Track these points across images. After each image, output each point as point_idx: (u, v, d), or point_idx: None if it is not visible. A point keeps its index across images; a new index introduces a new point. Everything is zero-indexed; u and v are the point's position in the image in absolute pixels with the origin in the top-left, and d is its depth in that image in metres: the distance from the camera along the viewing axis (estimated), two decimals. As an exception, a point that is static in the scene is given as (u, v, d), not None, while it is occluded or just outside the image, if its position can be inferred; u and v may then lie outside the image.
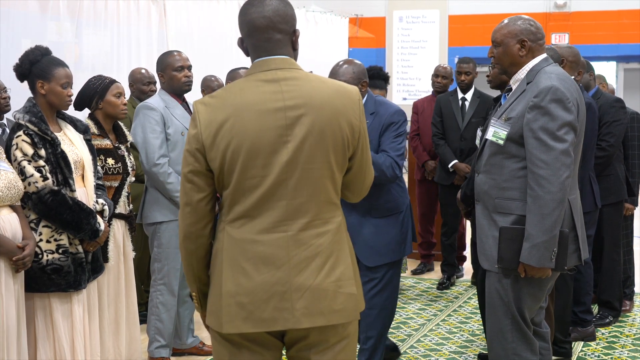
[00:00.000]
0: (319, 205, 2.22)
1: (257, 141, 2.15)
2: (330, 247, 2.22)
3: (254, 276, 2.18)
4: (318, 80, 2.25)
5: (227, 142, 2.15)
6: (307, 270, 2.19)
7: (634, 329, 5.00)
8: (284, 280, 2.17)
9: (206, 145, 2.17)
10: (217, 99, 2.21)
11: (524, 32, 3.09)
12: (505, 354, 3.12)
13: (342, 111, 2.22)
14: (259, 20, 2.22)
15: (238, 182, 2.18)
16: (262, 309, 2.18)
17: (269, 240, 2.18)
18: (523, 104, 3.01)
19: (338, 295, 2.22)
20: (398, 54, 13.01)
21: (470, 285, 6.16)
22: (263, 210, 2.18)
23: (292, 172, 2.18)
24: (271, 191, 2.17)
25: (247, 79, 2.23)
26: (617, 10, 12.28)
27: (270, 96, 2.18)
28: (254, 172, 2.17)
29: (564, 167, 2.92)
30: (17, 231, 3.19)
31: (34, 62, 3.38)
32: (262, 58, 2.23)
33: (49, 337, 3.34)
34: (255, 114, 2.16)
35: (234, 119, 2.16)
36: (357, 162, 2.30)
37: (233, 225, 2.21)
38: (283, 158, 2.16)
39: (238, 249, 2.20)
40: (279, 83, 2.20)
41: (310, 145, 2.18)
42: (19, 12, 5.71)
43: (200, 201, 2.22)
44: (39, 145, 3.29)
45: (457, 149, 5.96)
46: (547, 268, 2.97)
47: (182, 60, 4.21)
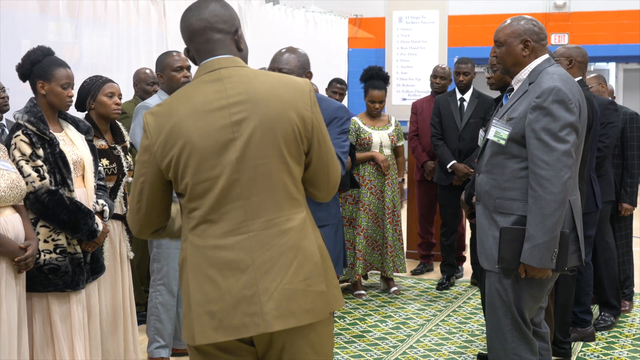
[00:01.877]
0: (278, 202, 2.15)
1: (205, 143, 2.11)
2: (295, 245, 2.15)
3: (220, 283, 2.11)
4: (265, 75, 2.21)
5: (178, 149, 2.12)
6: (273, 270, 2.12)
7: (634, 329, 5.00)
8: (250, 283, 2.11)
9: (157, 154, 2.15)
10: (164, 107, 2.18)
11: (527, 32, 3.09)
12: (505, 354, 3.12)
13: (291, 103, 2.16)
14: (197, 23, 2.21)
15: (192, 187, 2.13)
16: (231, 316, 2.11)
17: (232, 244, 2.12)
18: (525, 105, 3.01)
19: (307, 293, 2.14)
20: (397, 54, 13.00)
21: (470, 285, 6.17)
22: (221, 213, 2.13)
23: (243, 170, 2.12)
24: (225, 192, 2.12)
25: (193, 82, 2.21)
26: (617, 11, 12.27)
27: (213, 95, 2.14)
28: (205, 174, 2.12)
29: (566, 168, 2.92)
30: (19, 232, 3.19)
31: (35, 62, 3.38)
32: (205, 60, 2.21)
33: (48, 338, 3.34)
34: (200, 116, 2.12)
35: (179, 125, 2.12)
36: (316, 155, 2.22)
37: (194, 233, 2.16)
38: (232, 156, 2.11)
39: (202, 257, 2.14)
40: (223, 81, 2.16)
41: (259, 139, 2.12)
42: (18, 12, 5.71)
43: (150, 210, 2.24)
44: (37, 145, 3.29)
45: (455, 150, 5.96)
46: (547, 269, 2.97)
47: (181, 61, 4.21)
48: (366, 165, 5.74)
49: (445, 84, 6.48)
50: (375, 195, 5.74)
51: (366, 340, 4.81)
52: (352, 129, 5.70)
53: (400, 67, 12.99)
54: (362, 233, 5.70)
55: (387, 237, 5.74)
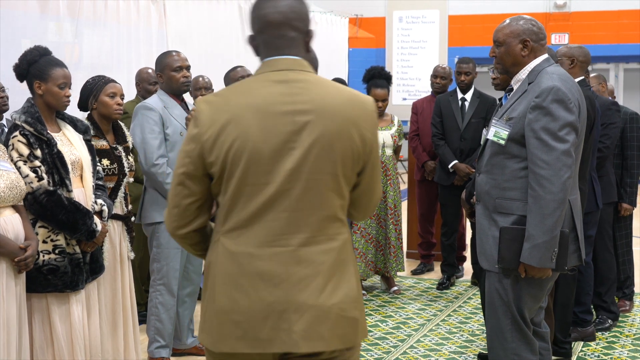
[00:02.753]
0: (322, 220, 2.06)
1: (261, 145, 2.00)
2: (333, 266, 2.06)
3: (250, 293, 2.03)
4: (331, 86, 2.10)
5: (229, 144, 2.00)
6: (308, 289, 2.02)
7: (634, 329, 5.00)
8: (282, 299, 2.02)
9: (206, 147, 2.02)
10: (221, 98, 2.07)
11: (526, 32, 3.09)
12: (505, 354, 3.12)
13: (355, 121, 2.06)
14: (273, 16, 2.07)
15: (237, 188, 2.03)
16: (258, 329, 2.02)
17: (268, 255, 2.03)
18: (524, 104, 3.01)
19: (340, 319, 2.05)
20: (398, 54, 13.01)
21: (470, 285, 6.16)
22: (262, 221, 2.03)
23: (296, 182, 2.02)
24: (272, 201, 2.02)
25: (256, 78, 2.09)
26: (617, 11, 12.28)
27: (278, 98, 2.03)
28: (255, 178, 2.02)
29: (565, 168, 2.92)
30: (19, 232, 3.19)
31: (32, 63, 3.38)
32: (272, 57, 2.09)
33: (47, 338, 3.34)
34: (261, 116, 2.01)
35: (237, 120, 2.01)
36: (367, 179, 2.14)
37: (229, 237, 2.06)
38: (287, 166, 2.01)
39: (234, 263, 2.05)
40: (289, 85, 2.05)
41: (317, 154, 2.02)
42: (18, 12, 5.70)
43: (189, 205, 2.09)
44: (35, 145, 3.29)
45: (457, 149, 5.96)
46: (547, 268, 2.97)
47: (180, 61, 4.21)
48: (366, 165, 5.73)
49: (445, 83, 6.48)
50: (376, 195, 5.73)
51: (366, 340, 4.80)
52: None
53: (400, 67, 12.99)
54: (360, 232, 5.70)
55: (390, 237, 5.74)
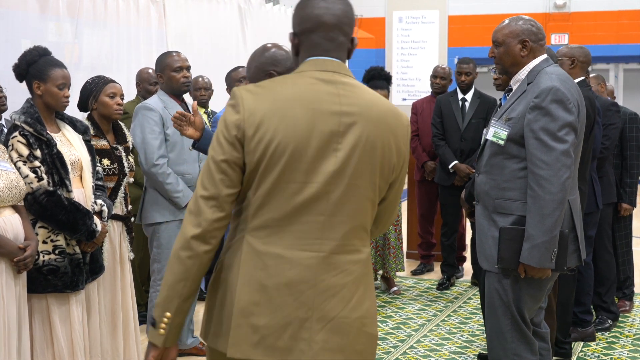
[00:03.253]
0: (354, 229, 1.98)
1: (306, 142, 1.91)
2: (360, 278, 1.99)
3: (274, 297, 1.92)
4: (373, 94, 2.06)
5: (272, 135, 1.90)
6: (334, 299, 1.94)
7: (634, 329, 5.00)
8: (307, 306, 1.92)
9: (247, 134, 1.90)
10: (264, 89, 1.97)
11: (525, 32, 3.10)
12: (505, 354, 3.12)
13: (394, 132, 2.02)
14: (328, 17, 2.01)
15: (275, 183, 1.92)
16: (276, 336, 1.92)
17: (298, 258, 1.93)
18: (524, 105, 3.02)
19: (361, 333, 1.99)
20: (398, 54, 13.01)
21: (470, 285, 6.16)
22: (296, 223, 1.93)
23: (337, 185, 1.94)
24: (311, 202, 1.93)
25: (301, 74, 2.01)
26: (617, 11, 12.28)
27: (326, 97, 1.96)
28: (295, 176, 1.92)
29: (565, 168, 2.92)
30: (19, 232, 3.19)
31: (31, 63, 3.38)
32: (319, 57, 2.03)
33: (47, 339, 3.34)
34: (308, 112, 1.93)
35: (283, 112, 1.91)
36: (394, 194, 2.09)
37: (256, 235, 1.94)
38: (330, 167, 1.93)
39: (260, 264, 1.93)
40: (337, 85, 1.99)
41: (360, 158, 1.96)
42: (18, 12, 5.70)
43: (228, 196, 1.93)
44: (35, 146, 3.29)
45: (457, 150, 5.96)
46: (547, 268, 2.97)
47: (180, 61, 4.20)
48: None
49: (445, 84, 6.48)
50: (375, 195, 5.73)
51: (366, 341, 4.80)
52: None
53: (400, 67, 13.00)
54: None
55: (389, 238, 5.74)
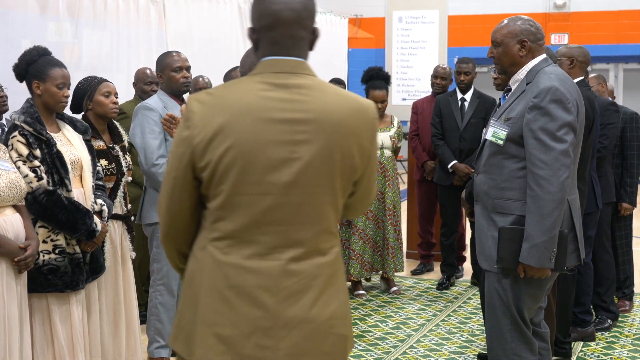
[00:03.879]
0: (317, 234, 1.97)
1: (256, 154, 1.88)
2: (325, 281, 1.98)
3: (237, 307, 1.92)
4: (333, 93, 1.99)
5: (223, 151, 1.88)
6: (297, 305, 1.93)
7: (634, 329, 5.00)
8: (270, 315, 1.92)
9: (197, 151, 1.90)
10: (215, 98, 1.93)
11: (524, 32, 3.10)
12: (505, 354, 3.12)
13: (356, 133, 1.97)
14: (286, 13, 1.93)
15: (229, 196, 1.91)
16: (241, 345, 1.91)
17: (258, 268, 1.92)
18: (523, 105, 3.02)
19: (329, 335, 1.98)
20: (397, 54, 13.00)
21: (470, 285, 6.16)
22: (254, 234, 1.92)
23: (293, 196, 1.92)
24: (267, 213, 1.91)
25: (253, 79, 1.96)
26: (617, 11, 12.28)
27: (277, 104, 1.91)
28: (249, 188, 1.90)
29: (564, 168, 2.92)
30: (19, 231, 3.19)
31: (31, 63, 3.38)
32: (275, 57, 1.96)
33: (48, 339, 3.34)
34: (257, 122, 1.89)
35: (232, 125, 1.88)
36: (363, 187, 2.07)
37: (217, 245, 1.94)
38: (284, 178, 1.90)
39: (221, 274, 1.93)
40: (290, 90, 1.93)
41: (317, 167, 1.92)
42: (18, 13, 5.71)
43: (183, 211, 1.98)
44: (34, 145, 3.29)
45: (456, 150, 5.96)
46: (546, 268, 2.97)
47: (180, 61, 4.20)
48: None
49: (445, 84, 6.48)
50: (375, 196, 5.72)
51: (366, 340, 4.81)
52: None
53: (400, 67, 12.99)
54: (358, 233, 5.69)
55: (388, 238, 5.74)
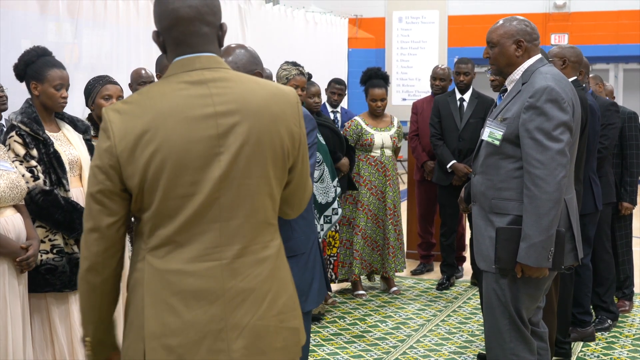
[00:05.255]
0: (256, 228, 1.91)
1: (184, 154, 1.83)
2: (270, 276, 1.93)
3: (183, 313, 1.85)
4: (251, 82, 1.95)
5: (149, 156, 1.82)
6: (245, 304, 1.89)
7: (633, 329, 5.00)
8: (218, 317, 1.86)
9: (122, 160, 1.82)
10: (132, 105, 1.87)
11: (520, 33, 3.10)
12: (504, 354, 3.12)
13: (282, 117, 1.93)
14: (184, 10, 1.89)
15: (161, 202, 1.84)
16: (193, 352, 1.85)
17: (200, 271, 1.86)
18: (519, 105, 3.02)
19: (280, 330, 1.95)
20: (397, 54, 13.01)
21: (470, 285, 6.16)
22: (192, 235, 1.86)
23: (225, 189, 1.86)
24: (201, 212, 1.85)
25: (168, 80, 1.91)
26: (617, 11, 12.28)
27: (197, 100, 1.86)
28: (180, 190, 1.84)
29: (560, 167, 2.92)
30: (21, 231, 3.20)
31: (29, 63, 3.38)
32: (184, 56, 1.91)
33: (47, 339, 3.34)
34: (181, 122, 1.83)
35: (155, 129, 1.82)
36: (297, 175, 2.02)
37: (155, 254, 1.87)
38: (215, 173, 1.85)
39: (162, 282, 1.86)
40: (207, 85, 1.88)
41: (247, 157, 1.87)
42: (18, 13, 5.71)
43: (110, 226, 1.87)
44: (31, 145, 3.29)
45: (455, 150, 5.96)
46: (544, 268, 2.97)
47: (180, 61, 4.20)
48: (366, 166, 5.74)
49: (445, 85, 6.48)
50: (375, 195, 5.74)
51: (366, 341, 4.81)
52: (353, 129, 5.71)
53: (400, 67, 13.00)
54: (360, 233, 5.70)
55: (389, 238, 5.74)
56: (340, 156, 5.23)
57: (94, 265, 1.91)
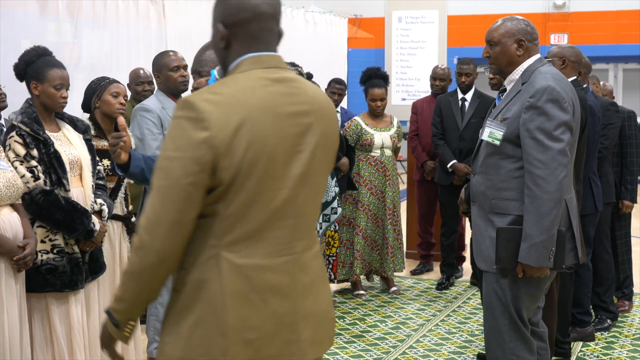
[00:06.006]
0: (312, 225, 2.01)
1: (275, 149, 1.85)
2: (321, 270, 2.05)
3: (261, 308, 1.89)
4: (312, 84, 2.02)
5: (245, 148, 1.81)
6: (310, 296, 1.98)
7: (633, 329, 5.00)
8: (292, 310, 1.94)
9: (220, 151, 1.79)
10: (225, 97, 1.83)
11: (521, 32, 3.11)
12: (503, 354, 3.12)
13: (335, 119, 2.05)
14: (266, 7, 1.90)
15: (251, 196, 1.85)
16: (269, 344, 1.91)
17: (276, 265, 1.91)
18: (519, 105, 3.02)
19: (330, 320, 2.08)
20: (397, 54, 13.01)
21: (470, 285, 6.16)
22: (271, 230, 1.90)
23: (302, 187, 1.92)
24: (283, 207, 1.90)
25: (249, 75, 1.90)
26: (616, 11, 12.28)
27: (282, 98, 1.89)
28: (270, 184, 1.86)
29: (561, 167, 2.92)
30: (18, 230, 3.19)
31: (29, 63, 3.38)
32: (259, 53, 1.92)
33: (47, 338, 3.34)
34: (272, 118, 1.85)
35: (251, 122, 1.82)
36: None
37: (233, 250, 1.87)
38: (296, 170, 1.90)
39: (243, 278, 1.87)
40: (287, 84, 1.91)
41: (319, 157, 1.95)
42: (18, 13, 5.72)
43: (191, 220, 1.84)
44: (31, 145, 3.29)
45: (456, 149, 5.96)
46: (545, 267, 2.98)
47: (177, 60, 4.20)
48: (366, 166, 5.74)
49: (444, 85, 6.48)
50: (375, 195, 5.74)
51: (366, 340, 4.81)
52: (353, 129, 5.71)
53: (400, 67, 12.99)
54: (361, 233, 5.71)
55: (388, 238, 5.74)
56: (340, 156, 5.23)
57: (167, 259, 1.86)
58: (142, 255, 1.86)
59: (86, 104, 3.93)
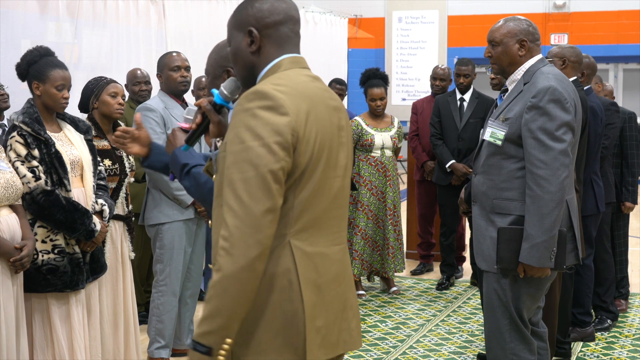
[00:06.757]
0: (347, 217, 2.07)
1: (332, 138, 1.94)
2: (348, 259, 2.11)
3: (326, 296, 1.92)
4: None
5: (314, 135, 1.87)
6: (350, 286, 2.05)
7: (633, 329, 5.00)
8: (344, 297, 1.99)
9: (299, 135, 1.83)
10: (289, 88, 1.87)
11: (523, 32, 3.11)
12: (504, 354, 3.12)
13: None
14: (294, 12, 2.00)
15: (318, 183, 1.89)
16: (331, 332, 1.94)
17: (334, 253, 1.96)
18: (521, 105, 3.02)
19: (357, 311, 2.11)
20: (397, 54, 13.01)
21: (470, 285, 6.17)
22: (328, 218, 1.94)
23: (347, 177, 2.01)
24: (337, 197, 1.96)
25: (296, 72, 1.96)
26: (616, 11, 12.28)
27: (325, 94, 1.98)
28: (329, 172, 1.93)
29: (563, 167, 2.93)
30: (16, 231, 3.19)
31: (32, 63, 3.38)
32: (294, 54, 1.99)
33: (47, 338, 3.34)
34: (325, 110, 1.94)
35: (315, 111, 1.89)
36: None
37: (301, 238, 1.88)
38: (343, 161, 1.99)
39: (312, 265, 1.89)
40: (321, 82, 2.01)
41: (349, 150, 2.04)
42: (18, 13, 5.72)
43: (280, 208, 1.83)
44: (33, 145, 3.29)
45: (454, 150, 5.97)
46: (546, 267, 2.98)
47: (179, 60, 4.21)
48: (366, 166, 5.74)
49: (445, 85, 6.48)
50: (375, 195, 5.74)
51: (366, 340, 4.81)
52: (353, 130, 5.70)
53: (400, 67, 12.99)
54: (360, 233, 5.70)
55: (389, 238, 5.74)
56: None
57: (265, 251, 1.80)
58: (238, 254, 1.77)
59: (83, 105, 3.93)
